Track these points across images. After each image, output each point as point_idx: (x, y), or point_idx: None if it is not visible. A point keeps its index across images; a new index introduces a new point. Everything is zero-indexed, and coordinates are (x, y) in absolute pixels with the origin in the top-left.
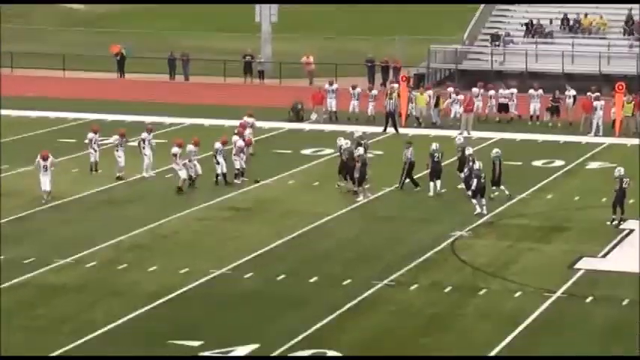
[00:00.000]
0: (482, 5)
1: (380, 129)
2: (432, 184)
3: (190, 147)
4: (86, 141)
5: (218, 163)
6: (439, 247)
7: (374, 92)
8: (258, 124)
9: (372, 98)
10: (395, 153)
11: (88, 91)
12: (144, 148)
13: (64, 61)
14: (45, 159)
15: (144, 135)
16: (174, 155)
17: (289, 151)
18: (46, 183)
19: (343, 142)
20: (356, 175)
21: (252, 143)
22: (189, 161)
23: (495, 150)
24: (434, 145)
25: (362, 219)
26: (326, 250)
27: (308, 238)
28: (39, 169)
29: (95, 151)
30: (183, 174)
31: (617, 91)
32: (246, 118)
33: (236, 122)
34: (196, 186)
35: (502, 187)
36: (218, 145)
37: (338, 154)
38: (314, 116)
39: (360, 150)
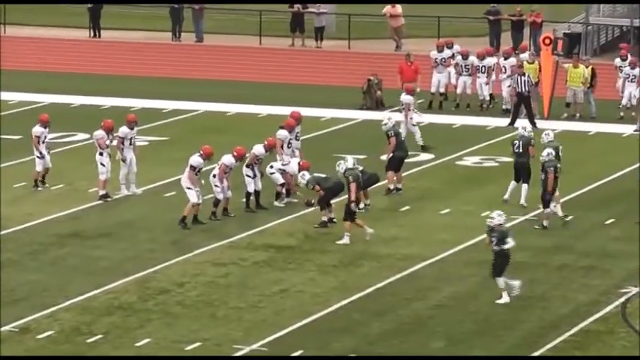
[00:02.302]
0: None
1: (498, 121)
2: (511, 183)
3: (228, 159)
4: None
5: (251, 176)
6: (601, 312)
7: (489, 61)
8: (311, 112)
9: (485, 71)
10: (534, 160)
11: (43, 57)
12: (122, 149)
13: (4, 12)
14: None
15: (124, 130)
16: (193, 169)
17: (362, 156)
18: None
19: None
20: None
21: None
22: (219, 180)
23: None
24: (521, 129)
25: (478, 266)
26: (420, 316)
27: (392, 294)
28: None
29: (41, 155)
30: (193, 196)
31: None
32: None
33: (278, 110)
34: (232, 214)
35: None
36: (259, 149)
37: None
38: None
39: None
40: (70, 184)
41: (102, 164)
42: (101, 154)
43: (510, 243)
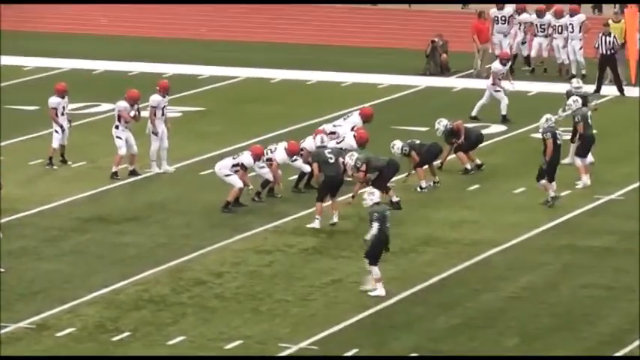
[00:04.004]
0: None
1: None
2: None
3: (280, 152)
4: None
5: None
6: None
7: (566, 19)
8: (368, 78)
9: (562, 32)
10: (619, 133)
11: (62, 17)
12: (154, 121)
13: None
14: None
15: (156, 99)
16: (244, 168)
17: (424, 129)
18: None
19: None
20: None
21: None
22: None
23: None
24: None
25: (557, 252)
26: (491, 309)
27: (459, 285)
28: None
29: (61, 129)
30: (237, 181)
31: None
32: None
33: (329, 76)
34: (279, 195)
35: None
36: (310, 144)
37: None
38: (478, 63)
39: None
40: (93, 162)
41: (118, 137)
42: (117, 127)
43: (371, 231)
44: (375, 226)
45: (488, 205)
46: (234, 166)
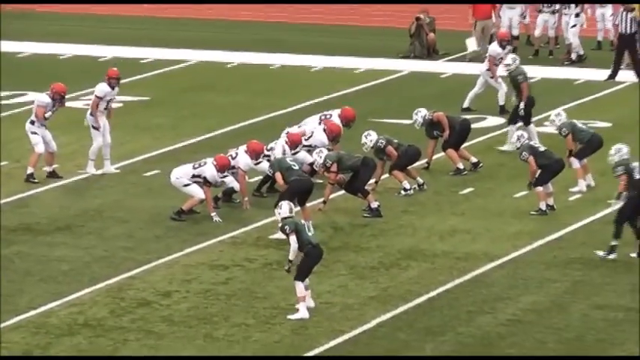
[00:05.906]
0: None
1: (591, 74)
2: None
3: (243, 158)
4: None
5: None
6: None
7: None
8: (342, 62)
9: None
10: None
11: None
12: (97, 114)
13: None
14: None
15: (103, 89)
16: (208, 184)
17: (405, 122)
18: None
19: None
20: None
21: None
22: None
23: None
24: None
25: (565, 267)
26: (488, 335)
27: (450, 306)
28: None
29: None
30: (198, 192)
31: None
32: None
33: (297, 60)
34: (236, 200)
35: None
36: (280, 149)
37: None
38: (471, 43)
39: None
40: (18, 161)
41: (34, 133)
42: (33, 122)
43: (291, 247)
44: (293, 239)
45: (484, 212)
46: (194, 176)
